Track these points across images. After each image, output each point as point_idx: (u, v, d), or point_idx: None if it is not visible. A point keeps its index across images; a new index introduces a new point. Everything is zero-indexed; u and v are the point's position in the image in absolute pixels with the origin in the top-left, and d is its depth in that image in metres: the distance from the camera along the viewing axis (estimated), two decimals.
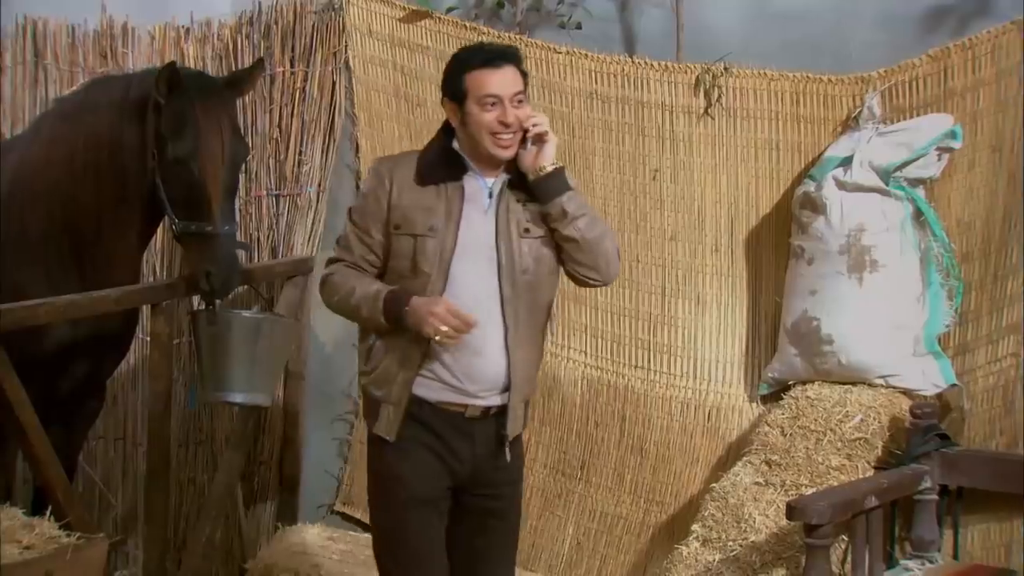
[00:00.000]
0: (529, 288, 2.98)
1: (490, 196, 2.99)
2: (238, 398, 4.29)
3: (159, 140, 3.72)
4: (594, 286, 3.12)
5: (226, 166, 3.77)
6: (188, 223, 3.74)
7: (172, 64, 3.77)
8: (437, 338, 2.87)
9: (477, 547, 3.10)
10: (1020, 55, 3.65)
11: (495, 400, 3.00)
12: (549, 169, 2.95)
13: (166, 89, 3.71)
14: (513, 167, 2.99)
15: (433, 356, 2.96)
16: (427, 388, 2.98)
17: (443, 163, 3.00)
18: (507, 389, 2.99)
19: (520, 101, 2.94)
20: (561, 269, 3.06)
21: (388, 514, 3.05)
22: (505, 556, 3.18)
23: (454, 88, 2.96)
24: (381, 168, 3.07)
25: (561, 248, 3.00)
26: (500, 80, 2.92)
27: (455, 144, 3.01)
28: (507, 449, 3.03)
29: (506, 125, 2.91)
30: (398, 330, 2.95)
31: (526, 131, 2.94)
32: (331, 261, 3.12)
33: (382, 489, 3.05)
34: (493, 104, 2.91)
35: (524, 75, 2.98)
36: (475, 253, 2.95)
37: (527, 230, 2.98)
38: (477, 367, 2.96)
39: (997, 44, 3.69)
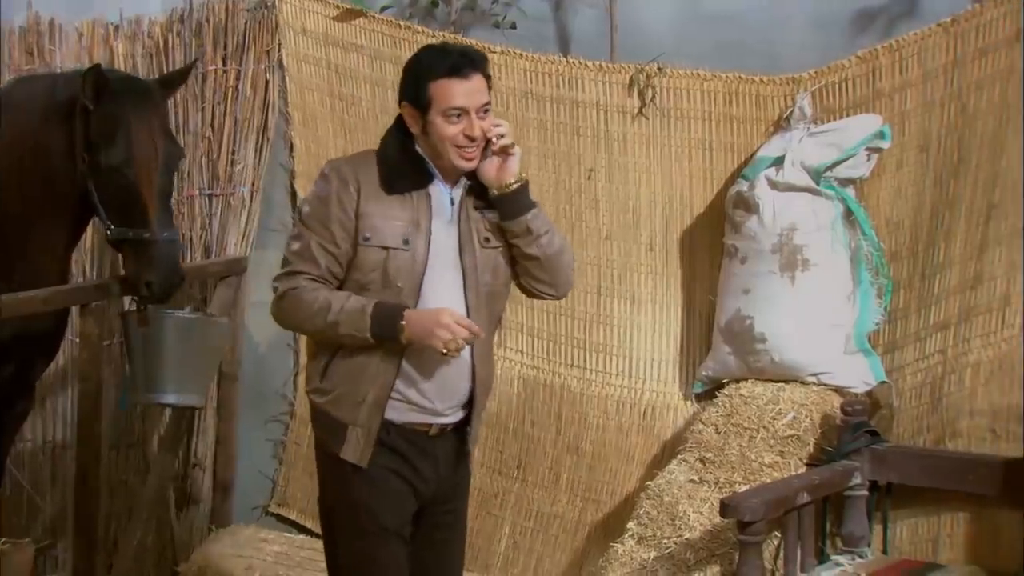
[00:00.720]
0: (488, 299, 2.92)
1: (452, 204, 2.90)
2: (170, 399, 4.24)
3: (90, 145, 3.65)
4: (546, 299, 3.06)
5: (161, 171, 3.70)
6: (125, 230, 3.66)
7: (97, 67, 3.69)
8: (445, 351, 2.77)
9: (425, 560, 3.03)
10: (946, 57, 3.72)
11: (458, 416, 2.94)
12: (515, 186, 2.85)
13: (93, 93, 3.62)
14: (472, 174, 2.89)
15: (405, 377, 2.86)
16: (395, 410, 2.87)
17: (408, 170, 2.87)
18: (469, 404, 2.93)
19: (486, 111, 2.82)
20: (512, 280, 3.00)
21: (358, 545, 2.92)
22: (453, 567, 3.12)
23: (416, 95, 2.81)
24: (344, 172, 2.86)
25: (518, 263, 2.94)
26: (467, 91, 2.78)
27: (418, 148, 2.88)
28: (469, 463, 3.01)
29: (472, 139, 2.80)
30: (379, 346, 2.82)
31: (489, 140, 2.83)
32: (289, 274, 2.88)
33: (350, 519, 2.92)
34: (459, 116, 2.79)
35: (489, 79, 2.86)
36: (443, 264, 2.86)
37: (487, 239, 2.90)
38: (449, 384, 2.88)
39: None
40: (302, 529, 4.74)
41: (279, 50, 4.75)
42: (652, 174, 4.17)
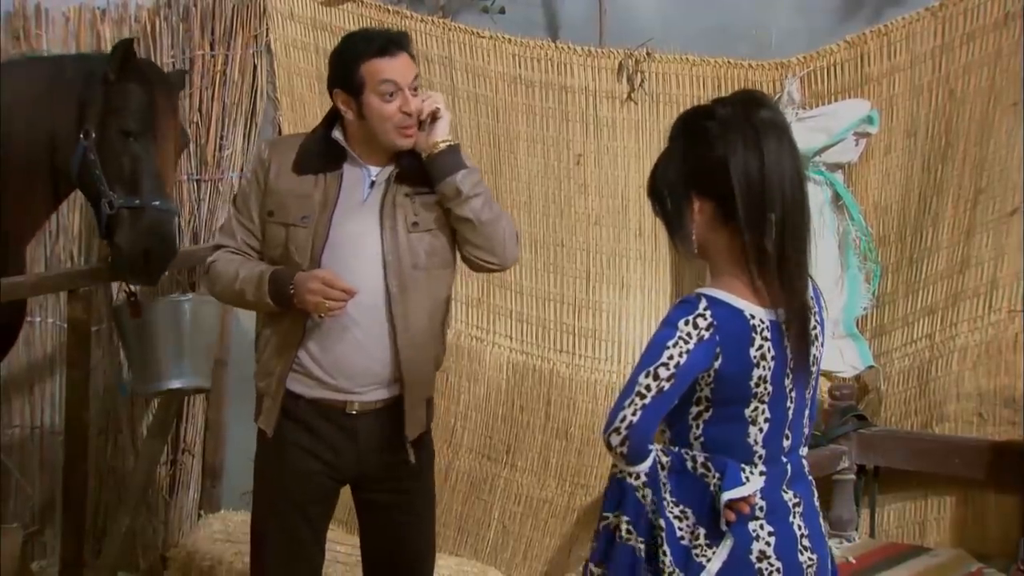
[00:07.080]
0: (421, 284, 2.90)
1: (371, 186, 2.91)
2: (176, 384, 4.20)
3: (104, 116, 3.63)
4: (490, 271, 3.03)
5: (174, 149, 3.75)
6: (131, 198, 3.60)
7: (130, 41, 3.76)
8: (323, 316, 2.81)
9: (383, 547, 3.05)
10: (933, 41, 3.72)
11: (380, 394, 2.92)
12: (442, 146, 2.86)
13: (119, 66, 3.64)
14: (401, 158, 2.91)
15: (305, 349, 2.89)
16: (301, 384, 2.92)
17: (321, 152, 2.92)
18: (395, 382, 2.91)
19: (416, 88, 2.88)
20: (458, 260, 2.99)
21: (257, 514, 3.05)
22: (414, 552, 3.09)
23: (348, 79, 2.85)
24: (263, 151, 3.01)
25: (456, 231, 2.92)
26: (398, 69, 2.84)
27: (336, 133, 2.92)
28: (409, 450, 2.95)
29: (409, 114, 2.84)
30: (284, 313, 2.87)
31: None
32: (212, 248, 3.04)
33: (258, 489, 3.05)
34: (392, 94, 2.83)
35: (414, 59, 2.92)
36: (351, 246, 2.87)
37: (416, 224, 2.89)
38: (351, 362, 2.88)
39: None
40: None
41: (267, 35, 4.74)
42: (641, 159, 4.16)
